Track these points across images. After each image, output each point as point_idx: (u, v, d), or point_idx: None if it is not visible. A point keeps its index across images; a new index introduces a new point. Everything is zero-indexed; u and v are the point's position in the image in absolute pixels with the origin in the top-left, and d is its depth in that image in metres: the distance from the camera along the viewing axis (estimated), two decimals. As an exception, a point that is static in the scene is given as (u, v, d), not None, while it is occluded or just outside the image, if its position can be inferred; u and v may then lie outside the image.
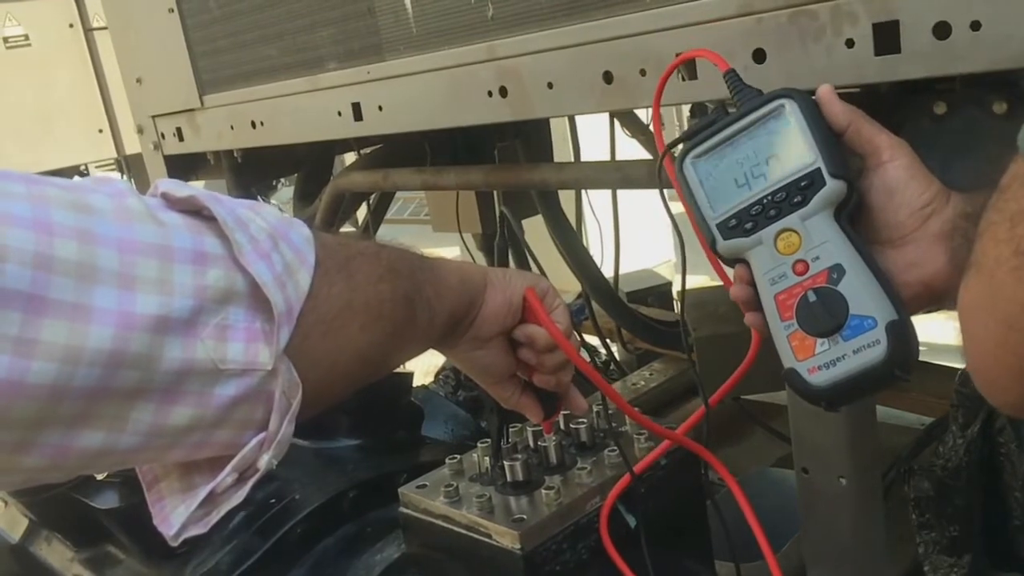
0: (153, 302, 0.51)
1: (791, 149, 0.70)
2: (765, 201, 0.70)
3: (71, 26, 3.49)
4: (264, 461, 0.59)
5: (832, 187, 0.67)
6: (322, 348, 0.61)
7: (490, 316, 0.80)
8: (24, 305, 0.47)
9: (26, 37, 3.39)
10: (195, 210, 0.58)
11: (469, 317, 0.79)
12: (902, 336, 0.63)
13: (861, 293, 0.64)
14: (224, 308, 0.55)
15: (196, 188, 0.59)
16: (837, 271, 0.66)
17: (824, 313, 0.65)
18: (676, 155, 0.78)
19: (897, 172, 0.68)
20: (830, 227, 0.67)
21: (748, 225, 0.70)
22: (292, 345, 0.58)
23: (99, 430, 0.52)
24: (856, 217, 0.68)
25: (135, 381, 0.51)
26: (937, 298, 0.68)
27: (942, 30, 0.71)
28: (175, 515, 0.60)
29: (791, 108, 0.70)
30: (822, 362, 0.65)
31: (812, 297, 0.66)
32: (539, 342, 0.82)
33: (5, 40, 3.35)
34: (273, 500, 1.27)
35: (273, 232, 0.59)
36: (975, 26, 0.69)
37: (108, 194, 0.54)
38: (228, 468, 0.58)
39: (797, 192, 0.68)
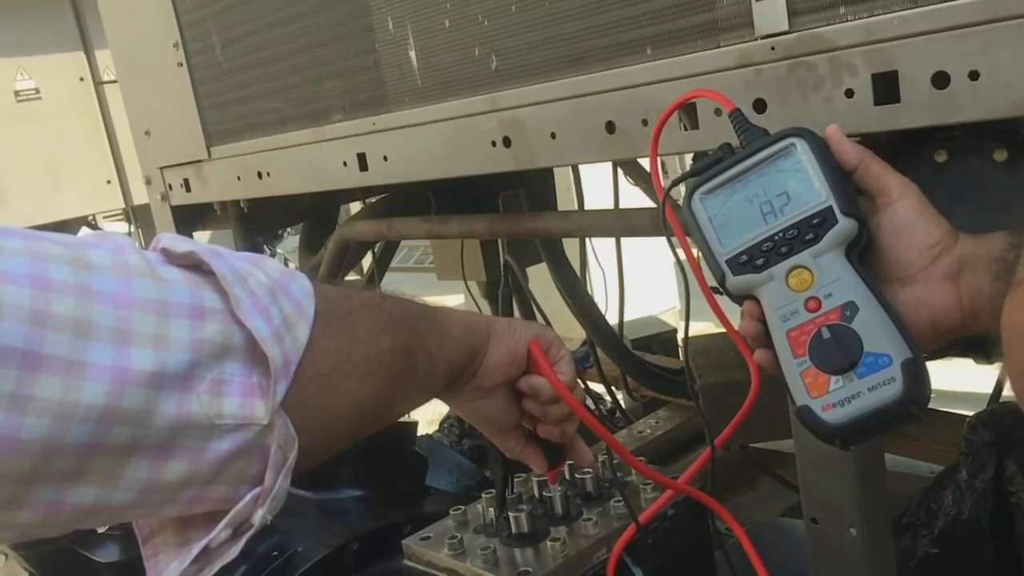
0: (149, 357, 0.51)
1: (802, 187, 0.70)
2: (776, 238, 0.70)
3: (81, 80, 3.55)
4: (259, 516, 0.59)
5: (844, 225, 0.67)
6: (320, 401, 0.61)
7: (493, 367, 0.80)
8: (19, 361, 0.47)
9: (37, 91, 3.45)
10: (195, 264, 0.58)
11: (472, 368, 0.79)
12: (917, 374, 0.63)
13: (875, 331, 0.64)
14: (221, 362, 0.55)
15: (196, 243, 0.59)
16: (850, 308, 0.66)
17: (838, 350, 0.65)
18: (681, 195, 0.78)
19: (907, 211, 0.68)
20: (842, 265, 0.67)
21: (759, 261, 0.70)
22: (289, 399, 0.58)
23: (93, 486, 0.52)
24: (865, 255, 0.69)
25: (129, 437, 0.51)
26: (943, 337, 0.68)
27: (941, 80, 0.71)
28: (168, 571, 0.59)
29: (802, 147, 0.71)
30: (836, 399, 0.65)
31: (826, 334, 0.66)
32: (543, 394, 0.82)
33: (16, 93, 3.40)
34: (275, 553, 1.25)
35: (273, 286, 0.59)
36: (973, 76, 0.70)
37: (108, 250, 0.55)
38: (222, 524, 0.58)
39: (809, 229, 0.69)
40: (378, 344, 0.66)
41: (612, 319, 1.86)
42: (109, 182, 3.61)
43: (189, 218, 1.79)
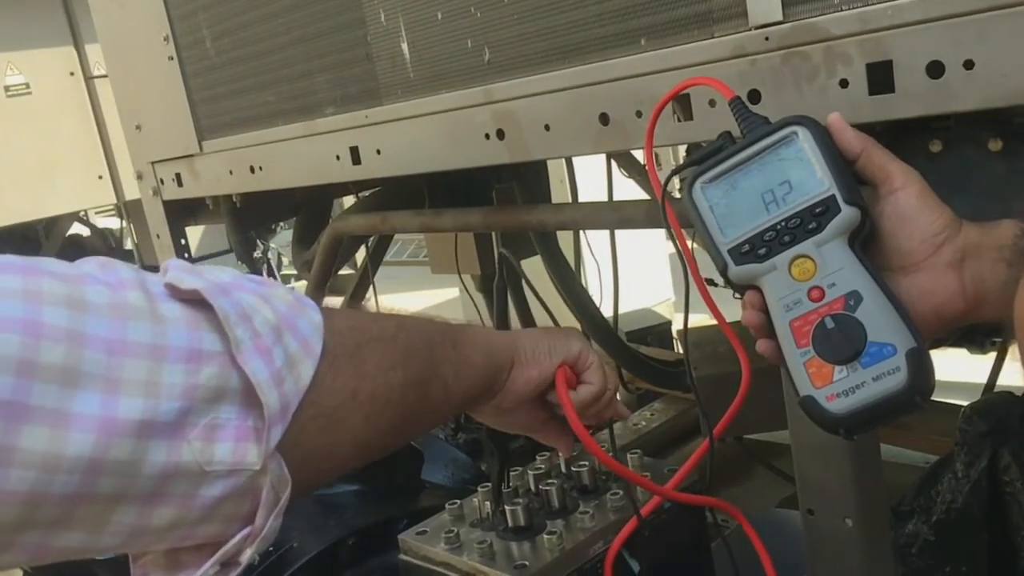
0: (137, 406, 0.51)
1: (804, 176, 0.70)
2: (779, 227, 0.70)
3: (72, 74, 3.53)
4: (247, 556, 0.58)
5: (847, 214, 0.67)
6: (319, 442, 0.60)
7: (513, 391, 0.79)
8: (5, 413, 0.46)
9: (27, 86, 3.43)
10: (201, 299, 0.56)
11: (491, 392, 0.78)
12: (922, 363, 0.63)
13: (879, 320, 0.64)
14: (215, 407, 0.54)
15: (203, 277, 0.57)
16: (854, 298, 0.65)
17: (843, 340, 0.65)
18: (680, 184, 0.77)
19: (909, 200, 0.68)
20: (845, 254, 0.67)
21: (761, 251, 0.70)
22: (286, 440, 0.57)
23: (79, 531, 0.51)
24: (868, 244, 0.69)
25: (116, 486, 0.51)
26: (946, 326, 0.68)
27: (935, 69, 0.71)
28: None
29: (803, 135, 0.70)
30: (841, 389, 0.64)
31: (830, 324, 0.65)
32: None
33: (6, 89, 3.38)
34: (271, 548, 1.25)
35: (279, 323, 0.58)
36: (968, 65, 0.69)
37: (108, 286, 0.53)
38: (210, 562, 0.57)
39: (811, 219, 0.68)
40: (387, 379, 0.65)
41: (607, 312, 1.85)
42: (101, 177, 3.59)
43: (181, 213, 1.78)
